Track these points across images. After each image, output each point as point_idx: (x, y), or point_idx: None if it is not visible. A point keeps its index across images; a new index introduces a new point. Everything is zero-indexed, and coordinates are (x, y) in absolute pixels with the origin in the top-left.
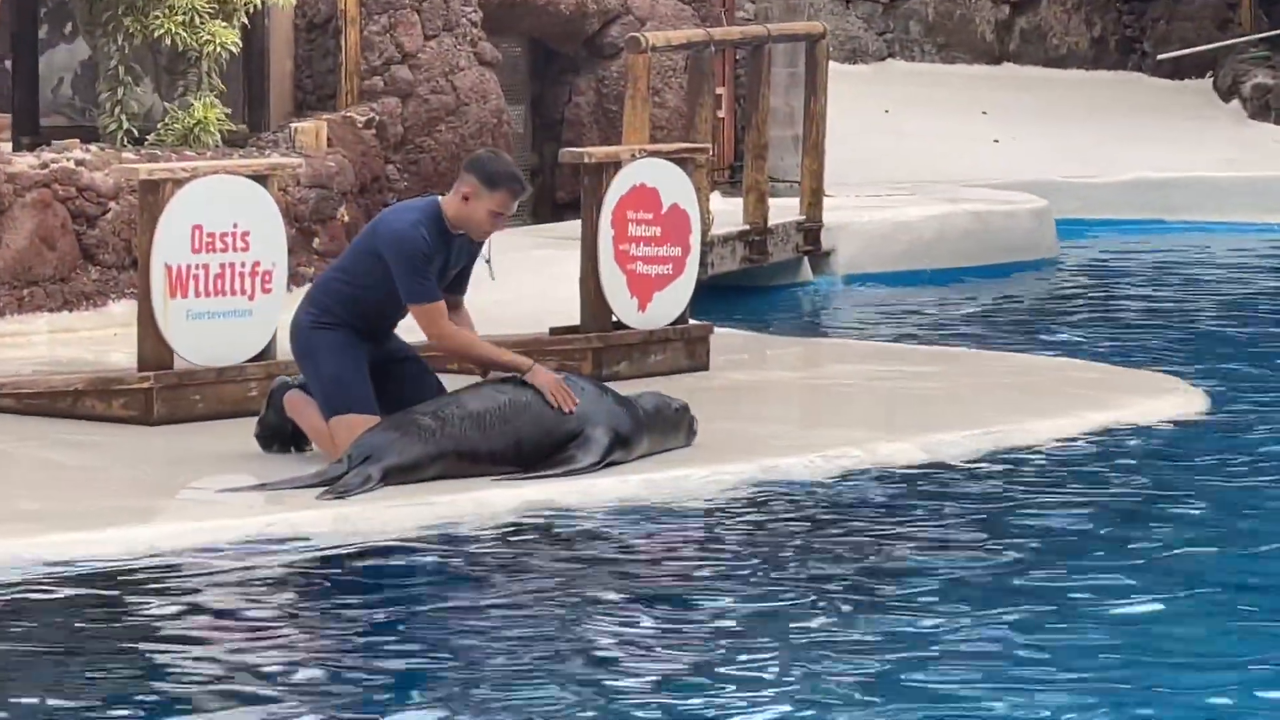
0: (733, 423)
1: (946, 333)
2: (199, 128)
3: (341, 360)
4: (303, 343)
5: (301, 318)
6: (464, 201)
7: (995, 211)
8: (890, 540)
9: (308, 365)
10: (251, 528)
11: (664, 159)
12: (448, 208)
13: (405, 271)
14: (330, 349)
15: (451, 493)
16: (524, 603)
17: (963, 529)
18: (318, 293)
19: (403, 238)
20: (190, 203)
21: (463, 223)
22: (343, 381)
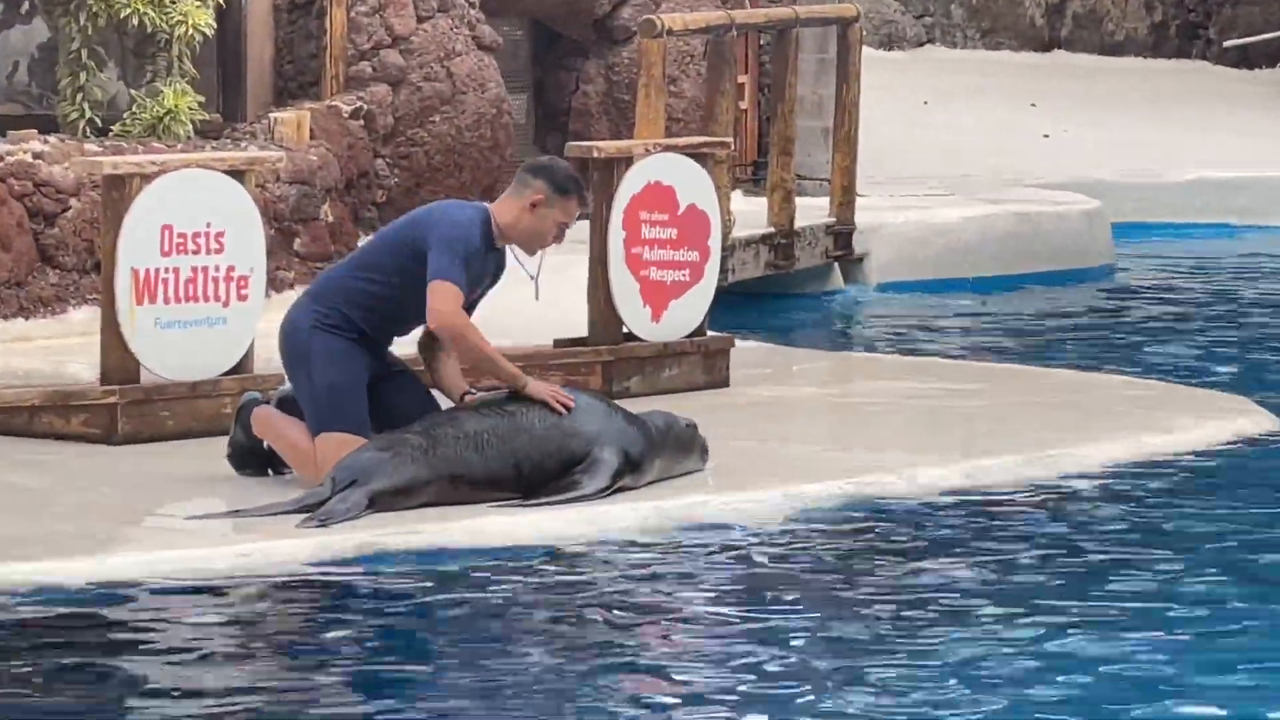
0: (755, 444)
1: (990, 347)
2: (169, 117)
3: (342, 370)
4: (300, 344)
5: (300, 317)
6: (530, 210)
7: (1044, 213)
8: (927, 576)
9: (300, 371)
10: (224, 559)
11: (681, 154)
12: (502, 216)
13: (445, 251)
14: (331, 356)
15: (443, 520)
16: (521, 642)
17: (1007, 564)
18: (327, 291)
19: (458, 226)
20: (159, 200)
21: (523, 233)
22: (339, 393)
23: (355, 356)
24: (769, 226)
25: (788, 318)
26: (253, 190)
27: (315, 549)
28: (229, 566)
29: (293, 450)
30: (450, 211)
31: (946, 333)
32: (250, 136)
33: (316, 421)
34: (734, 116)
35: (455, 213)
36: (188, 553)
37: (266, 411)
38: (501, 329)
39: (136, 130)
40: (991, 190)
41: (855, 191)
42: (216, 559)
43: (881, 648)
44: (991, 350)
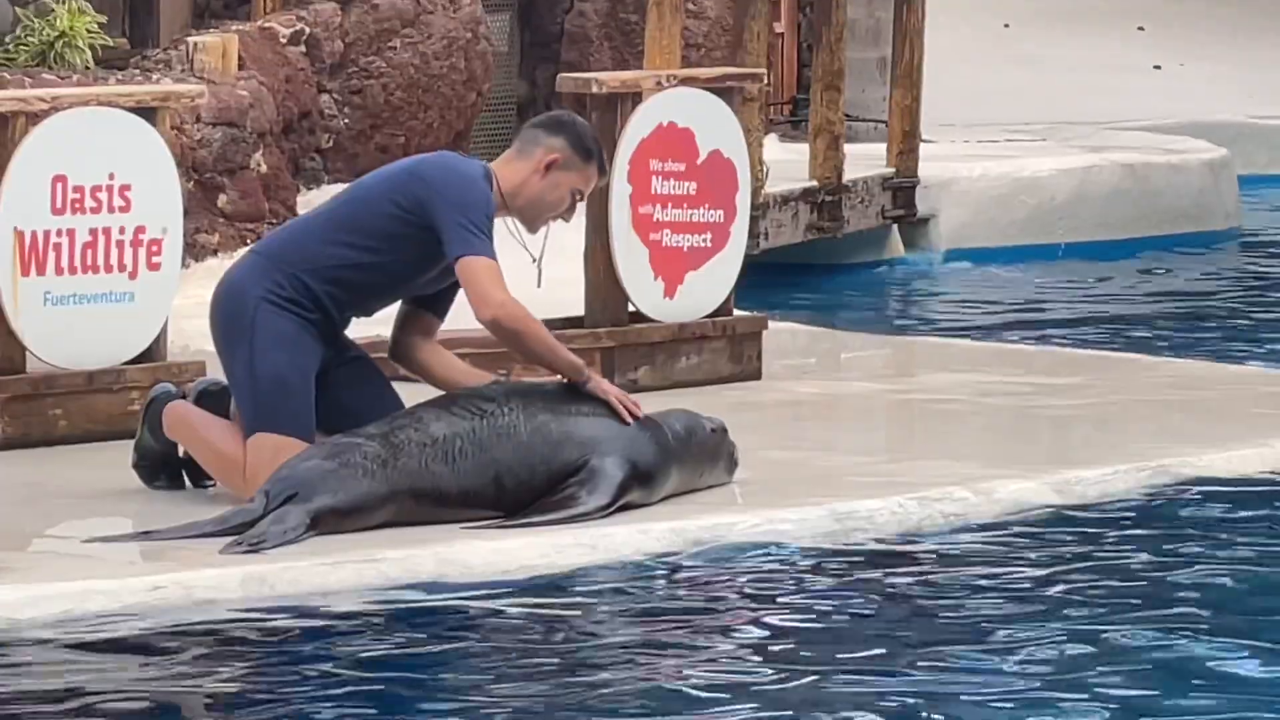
0: (794, 451)
1: (1087, 330)
2: (62, 42)
3: (291, 359)
4: (242, 317)
5: (247, 282)
6: (544, 172)
7: (1155, 164)
8: (1006, 612)
9: (240, 350)
10: (131, 591)
11: (701, 89)
12: (506, 179)
13: (467, 219)
14: (281, 340)
15: (406, 546)
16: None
17: (1111, 597)
18: (288, 253)
19: (474, 187)
20: (50, 145)
21: (529, 202)
22: (285, 388)
23: (309, 343)
24: (811, 180)
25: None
26: (166, 133)
27: (244, 580)
28: (137, 602)
29: (216, 457)
30: (457, 166)
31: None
32: (164, 66)
33: (252, 419)
34: (768, 43)
35: (463, 167)
36: (86, 585)
37: (182, 408)
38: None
39: (22, 58)
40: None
41: (919, 137)
42: (122, 593)
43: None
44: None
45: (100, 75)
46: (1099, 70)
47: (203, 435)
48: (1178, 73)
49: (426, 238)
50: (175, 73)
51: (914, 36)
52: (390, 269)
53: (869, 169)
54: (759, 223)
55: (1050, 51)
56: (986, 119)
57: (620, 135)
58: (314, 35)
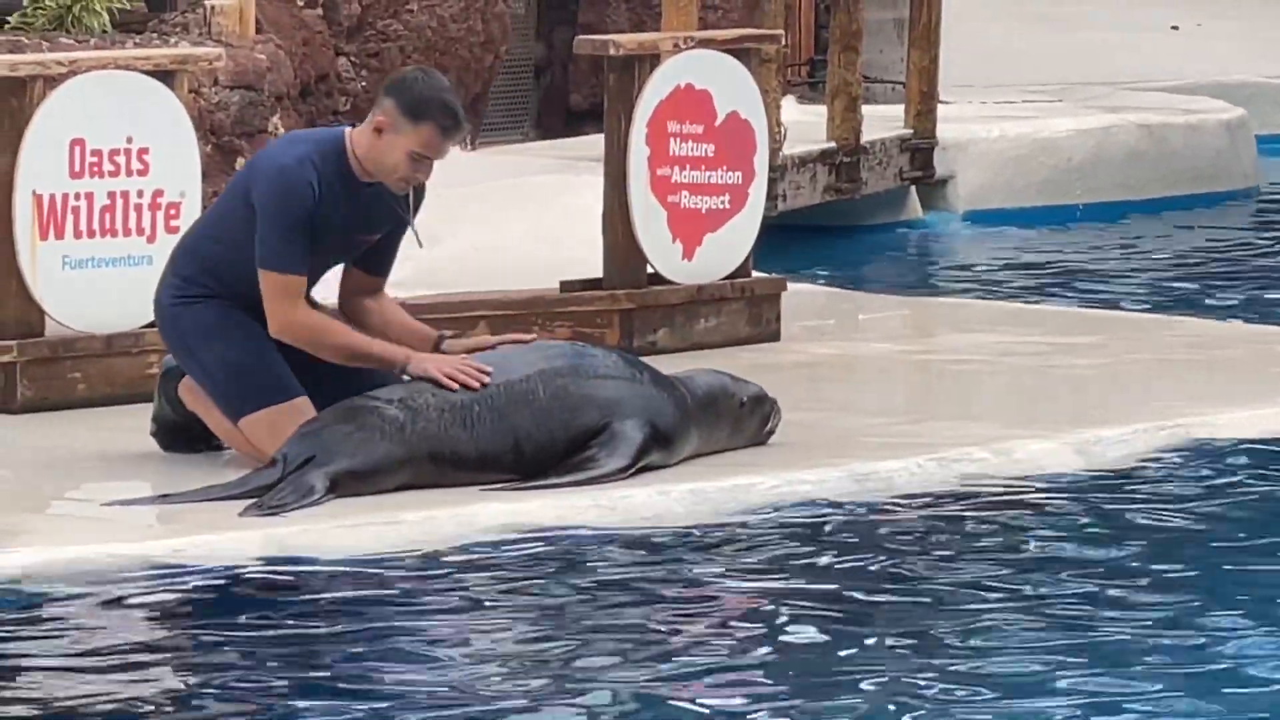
0: (813, 413)
1: (1105, 290)
2: (80, 5)
3: (229, 341)
4: (168, 327)
5: (160, 294)
6: (376, 135)
7: (1173, 125)
8: (1028, 574)
9: (183, 356)
10: (151, 554)
11: (719, 51)
12: (359, 143)
13: (269, 224)
14: (209, 330)
15: (426, 508)
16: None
17: (1133, 559)
18: (181, 256)
19: (282, 177)
20: (68, 108)
21: (374, 165)
22: (242, 369)
23: (237, 318)
24: (829, 141)
25: (853, 255)
26: (184, 97)
27: (263, 543)
28: (157, 565)
29: (227, 430)
30: (276, 157)
31: (1051, 274)
32: (181, 30)
33: (233, 408)
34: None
35: (282, 158)
36: (105, 548)
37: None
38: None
39: (39, 22)
40: (1108, 97)
41: (937, 98)
42: (142, 556)
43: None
44: (1108, 296)
45: (118, 39)
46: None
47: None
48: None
49: None
50: (193, 36)
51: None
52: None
53: (887, 130)
54: (777, 184)
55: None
56: (1004, 80)
57: (638, 97)
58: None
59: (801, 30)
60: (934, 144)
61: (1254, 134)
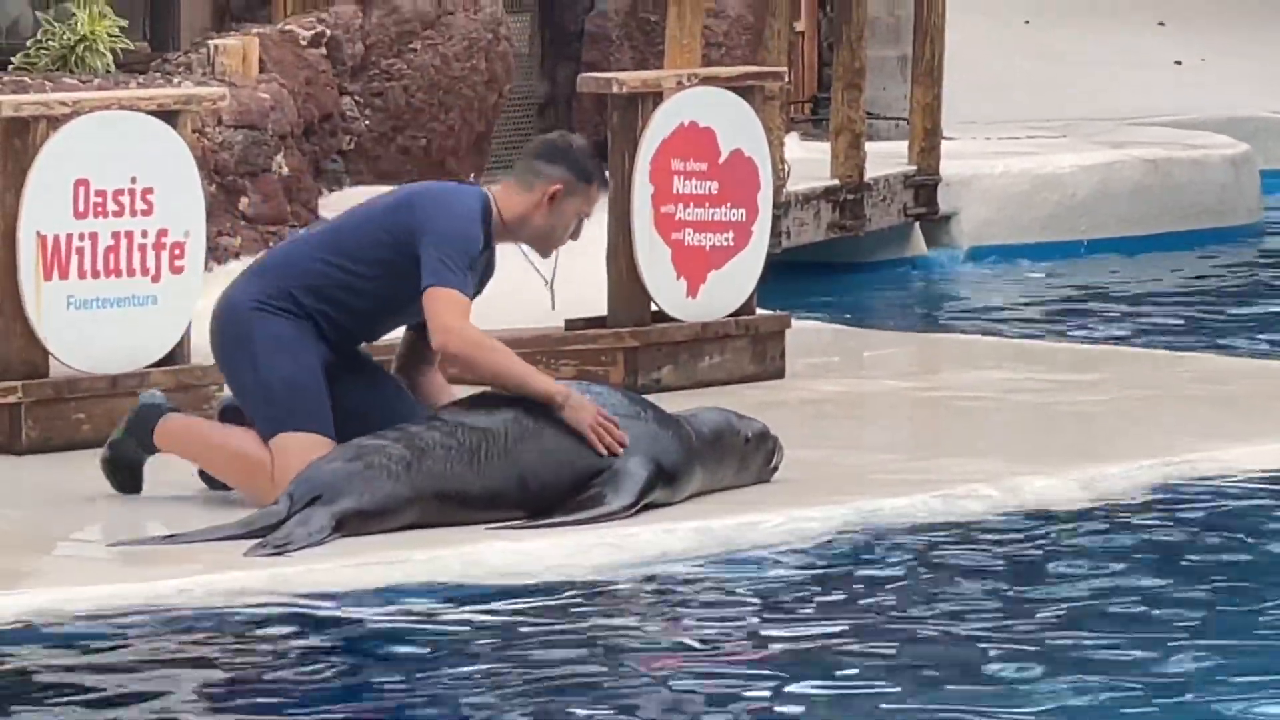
0: (819, 450)
1: (1110, 326)
2: (83, 46)
3: (295, 359)
4: (240, 326)
5: (237, 296)
6: (548, 203)
7: (1177, 160)
8: (1035, 611)
9: (242, 360)
10: (157, 594)
11: (722, 88)
12: (509, 210)
13: (445, 251)
14: (280, 342)
15: (432, 547)
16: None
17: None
18: (279, 268)
19: (459, 221)
20: (71, 149)
21: (537, 232)
22: (295, 387)
23: (308, 342)
24: (833, 178)
25: (857, 292)
26: (188, 136)
27: (269, 582)
28: (163, 605)
29: (237, 460)
30: (449, 200)
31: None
32: (185, 69)
33: (269, 423)
34: (788, 41)
35: (455, 203)
36: (110, 589)
37: (186, 421)
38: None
39: (43, 62)
40: (1112, 132)
41: (941, 134)
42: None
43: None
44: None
45: (121, 79)
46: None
47: (219, 442)
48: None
49: (411, 266)
50: (196, 76)
51: (934, 34)
52: (376, 294)
53: (891, 167)
54: (781, 221)
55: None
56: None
57: (641, 135)
58: (335, 37)
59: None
60: (938, 180)
61: (1258, 169)
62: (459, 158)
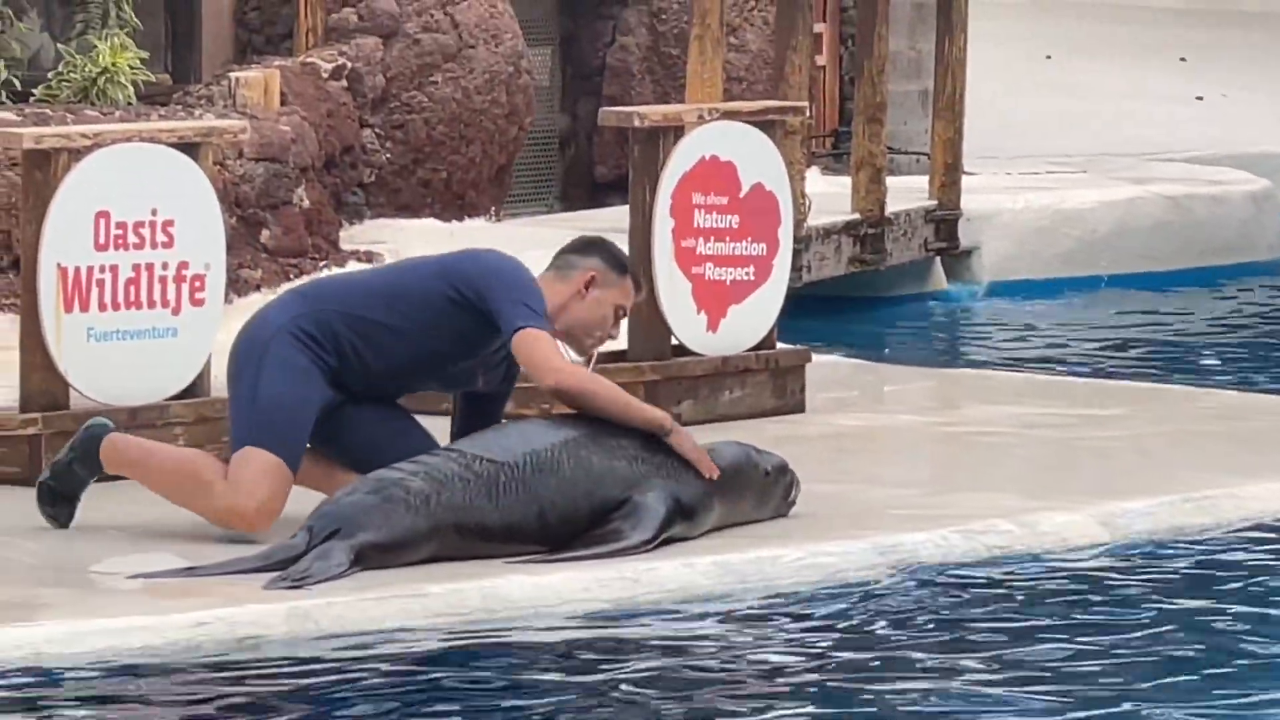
0: (838, 485)
1: (1129, 362)
2: (105, 78)
3: (294, 389)
4: (261, 342)
5: (275, 313)
6: (584, 291)
7: (1198, 196)
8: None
9: (248, 371)
10: (175, 628)
11: (743, 123)
12: (550, 298)
13: (525, 297)
14: (290, 368)
15: (451, 580)
16: None
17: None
18: (326, 297)
19: (524, 274)
20: (92, 181)
21: (575, 323)
22: (284, 411)
23: (316, 380)
24: (853, 212)
25: (877, 326)
26: (209, 169)
27: (289, 616)
28: (181, 639)
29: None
30: (512, 261)
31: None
32: (206, 102)
33: (244, 433)
34: (809, 76)
35: (518, 263)
36: (129, 621)
37: (129, 438)
38: None
39: (64, 94)
40: (1132, 168)
41: (961, 169)
42: (165, 630)
43: None
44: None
45: (143, 111)
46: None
47: (166, 456)
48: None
49: (467, 320)
50: (218, 108)
51: (956, 69)
52: (420, 342)
53: (911, 201)
54: (801, 256)
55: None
56: (1028, 151)
57: (662, 169)
58: (356, 70)
59: (826, 102)
60: (958, 215)
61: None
62: (479, 191)
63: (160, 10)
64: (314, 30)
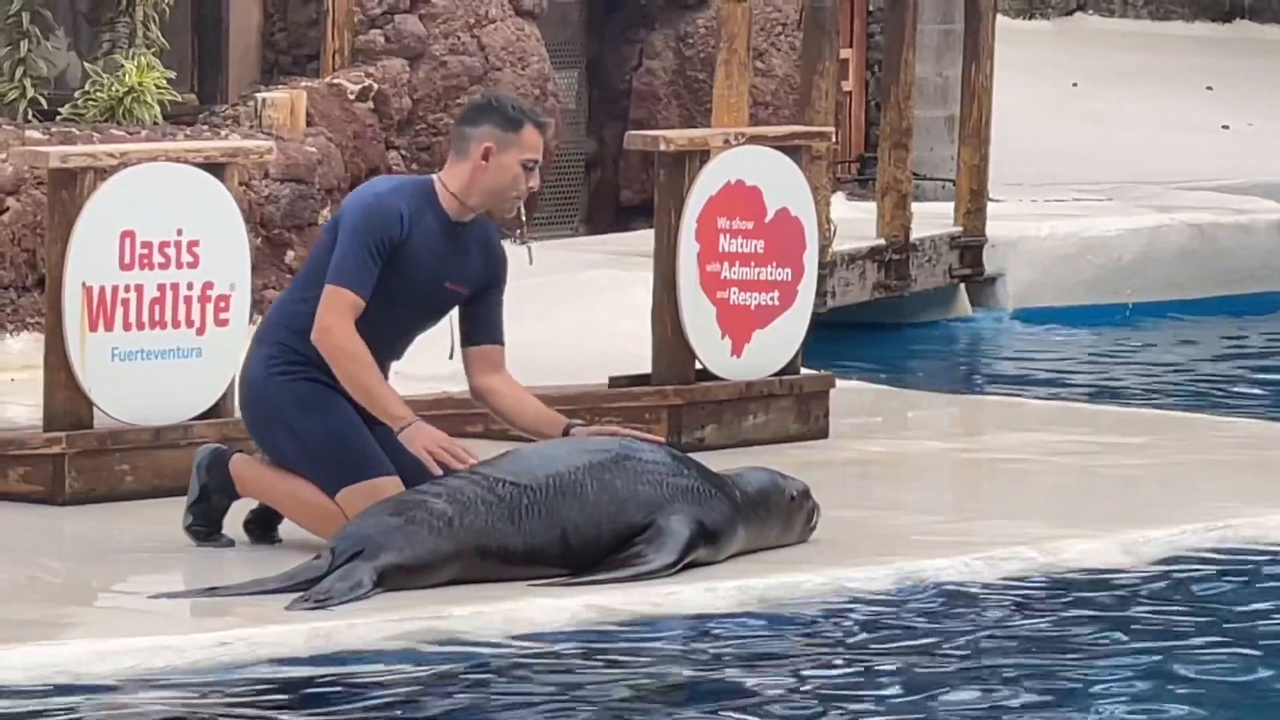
0: (861, 510)
1: (1154, 389)
2: (131, 97)
3: (328, 411)
4: (263, 402)
5: (252, 369)
6: (482, 164)
7: (1223, 224)
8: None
9: (277, 431)
10: (197, 647)
11: (769, 147)
12: (453, 183)
13: (350, 242)
14: (306, 402)
15: (473, 603)
16: None
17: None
18: (271, 326)
19: (376, 201)
20: (118, 200)
21: (488, 193)
22: (339, 440)
23: (329, 393)
24: (879, 238)
25: (902, 352)
26: (235, 189)
27: (310, 637)
28: (203, 659)
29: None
30: (368, 189)
31: (1100, 372)
32: (232, 122)
33: (327, 481)
34: (835, 101)
35: (373, 188)
36: (152, 641)
37: (245, 462)
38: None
39: (91, 113)
40: (1158, 196)
41: (986, 196)
42: (188, 649)
43: None
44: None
45: (169, 131)
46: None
47: (277, 483)
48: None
49: None
50: (243, 129)
51: (982, 95)
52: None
53: (936, 227)
54: (826, 281)
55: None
56: (1054, 178)
57: (688, 193)
58: (382, 92)
59: (852, 127)
60: (983, 241)
61: None
62: None
63: (187, 30)
64: (341, 51)
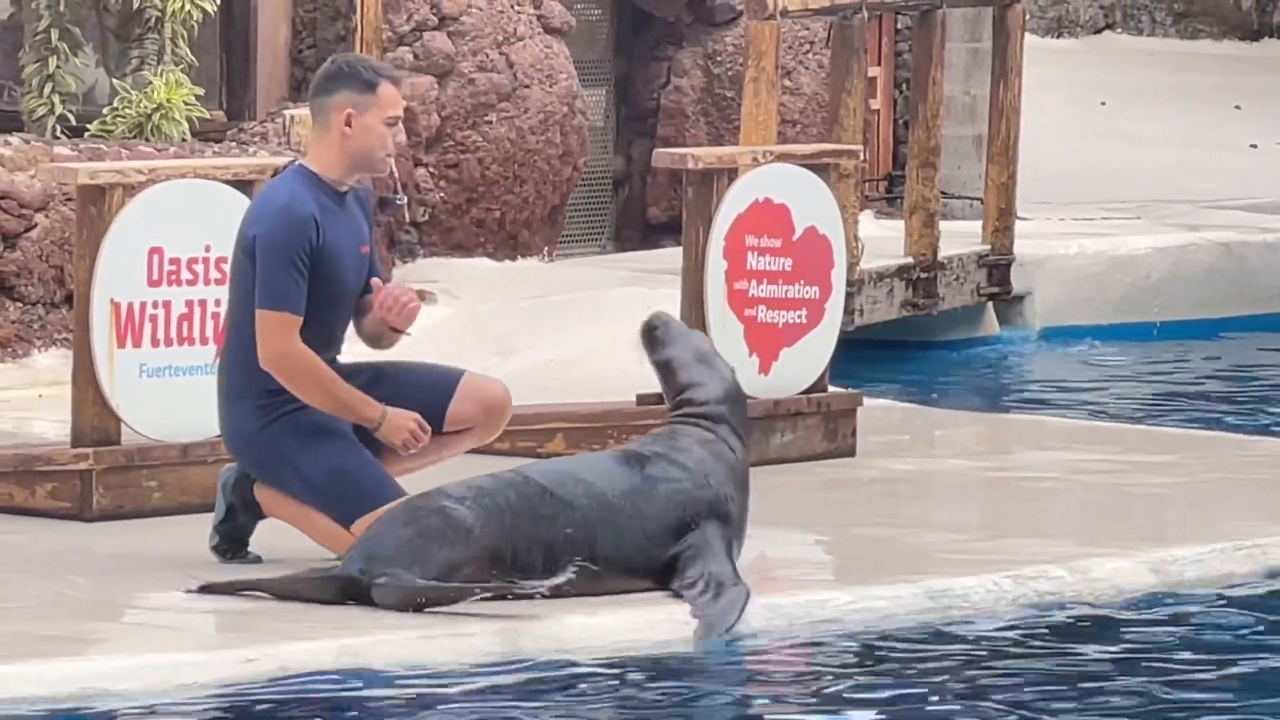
0: (888, 529)
1: (1181, 409)
2: (159, 114)
3: (325, 443)
4: (261, 452)
5: (241, 423)
6: (346, 130)
7: (1252, 243)
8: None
9: (282, 474)
10: (224, 664)
11: (797, 165)
12: (324, 158)
13: (272, 262)
14: (302, 440)
15: (500, 619)
16: None
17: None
18: (226, 370)
19: (286, 213)
20: (146, 217)
21: (359, 158)
22: (344, 471)
23: (319, 420)
24: (906, 256)
25: (929, 370)
26: None
27: (337, 654)
28: (230, 675)
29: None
30: (264, 199)
31: (1128, 391)
32: (260, 139)
33: (341, 515)
34: (864, 119)
35: (271, 195)
36: (178, 657)
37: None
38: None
39: (119, 129)
40: (1187, 215)
41: (1015, 214)
42: (215, 665)
43: None
44: (1184, 414)
45: (197, 147)
46: (1195, 148)
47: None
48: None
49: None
50: (272, 145)
51: (1010, 114)
52: None
53: (964, 246)
54: (854, 299)
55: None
56: (1082, 197)
57: (716, 211)
58: (410, 109)
59: (880, 145)
60: (1011, 260)
61: None
62: (532, 230)
63: (216, 47)
64: None
